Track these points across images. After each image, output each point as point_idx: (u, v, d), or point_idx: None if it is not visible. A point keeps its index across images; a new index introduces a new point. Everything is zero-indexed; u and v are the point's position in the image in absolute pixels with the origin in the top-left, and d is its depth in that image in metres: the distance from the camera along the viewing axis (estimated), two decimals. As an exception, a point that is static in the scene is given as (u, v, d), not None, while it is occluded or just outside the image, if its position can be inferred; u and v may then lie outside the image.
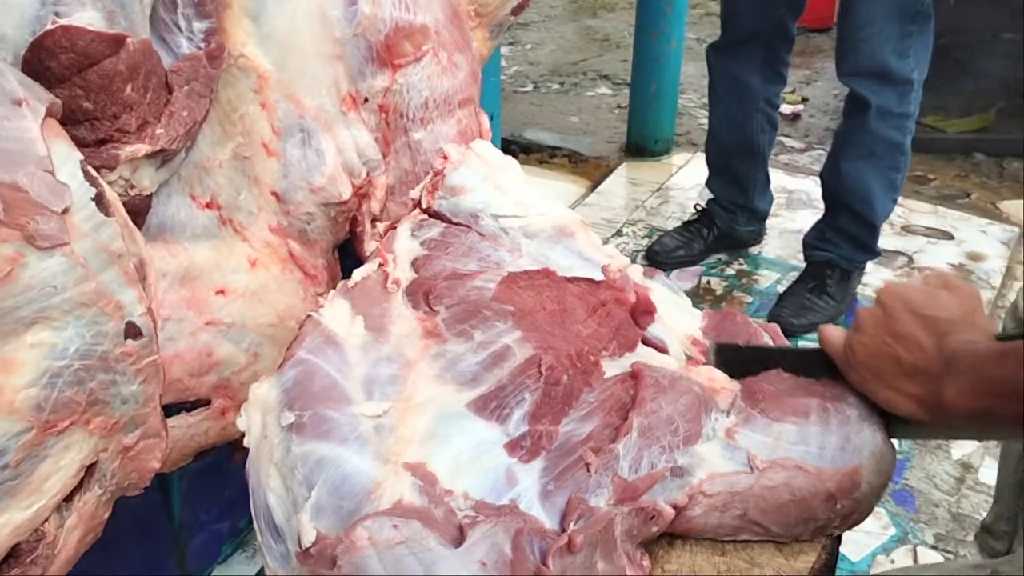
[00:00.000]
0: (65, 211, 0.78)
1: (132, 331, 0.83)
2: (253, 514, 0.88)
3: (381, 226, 1.14)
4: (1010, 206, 3.15)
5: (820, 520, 0.97)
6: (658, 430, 0.93)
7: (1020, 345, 0.84)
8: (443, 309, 1.00)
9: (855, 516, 0.99)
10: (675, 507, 0.93)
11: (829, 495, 0.95)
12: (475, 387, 0.95)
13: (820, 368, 1.02)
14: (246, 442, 0.90)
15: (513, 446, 0.91)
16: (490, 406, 0.93)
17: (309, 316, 0.97)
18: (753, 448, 0.96)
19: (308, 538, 0.81)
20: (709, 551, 0.96)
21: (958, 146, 3.51)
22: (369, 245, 1.17)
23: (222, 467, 1.66)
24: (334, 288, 1.08)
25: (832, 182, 2.44)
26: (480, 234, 1.10)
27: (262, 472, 0.87)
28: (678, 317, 1.12)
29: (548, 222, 1.13)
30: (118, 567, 1.50)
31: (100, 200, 0.82)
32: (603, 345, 1.04)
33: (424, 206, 1.13)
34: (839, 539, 1.01)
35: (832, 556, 0.99)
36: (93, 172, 0.83)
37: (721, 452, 0.95)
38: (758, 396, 0.99)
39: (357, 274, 1.04)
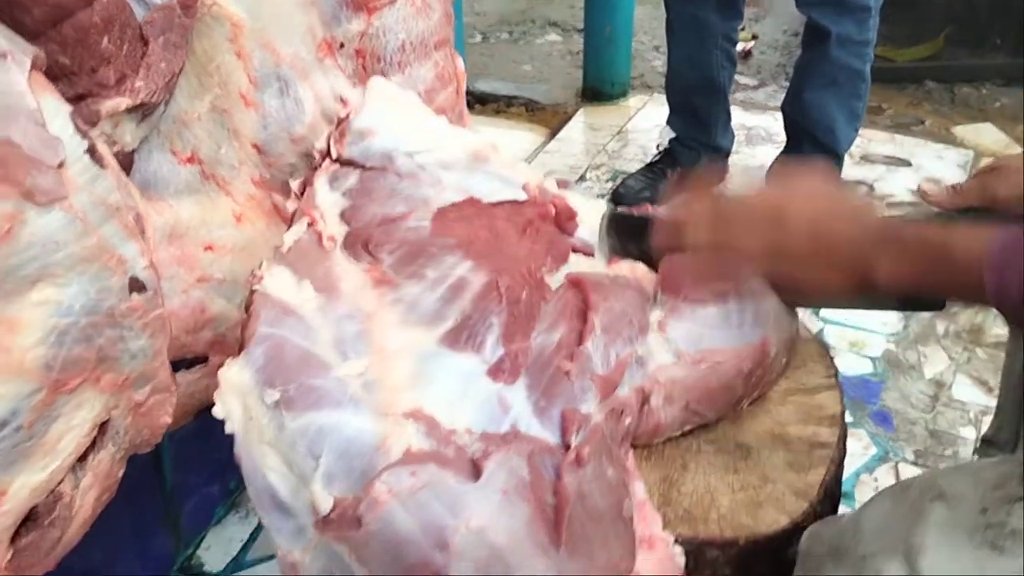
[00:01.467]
0: (60, 165, 0.76)
1: (136, 285, 0.82)
2: (253, 497, 0.86)
3: (295, 184, 1.11)
4: (964, 131, 3.19)
5: (739, 395, 1.04)
6: (617, 324, 0.96)
7: (947, 237, 0.85)
8: (386, 255, 0.99)
9: (765, 381, 1.07)
10: (640, 392, 0.96)
11: (748, 372, 1.02)
12: (441, 323, 0.94)
13: None
14: (228, 429, 0.87)
15: (495, 372, 0.91)
16: (462, 338, 0.92)
17: (254, 291, 0.94)
18: (682, 336, 1.00)
19: (325, 505, 0.80)
20: (722, 471, 0.98)
21: (909, 75, 3.54)
22: (291, 205, 1.13)
23: (209, 430, 1.64)
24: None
25: (794, 114, 2.45)
26: (398, 174, 1.07)
27: (256, 454, 0.85)
28: (597, 220, 1.15)
29: (461, 150, 1.12)
30: (111, 535, 1.48)
31: (93, 153, 0.80)
32: (541, 261, 1.05)
33: (335, 156, 1.10)
34: (844, 452, 1.03)
35: (840, 469, 1.01)
36: (83, 125, 0.81)
37: (660, 344, 0.99)
38: (677, 283, 1.03)
39: (288, 238, 1.00)
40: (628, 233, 1.11)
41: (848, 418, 1.09)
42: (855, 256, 0.89)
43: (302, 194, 1.05)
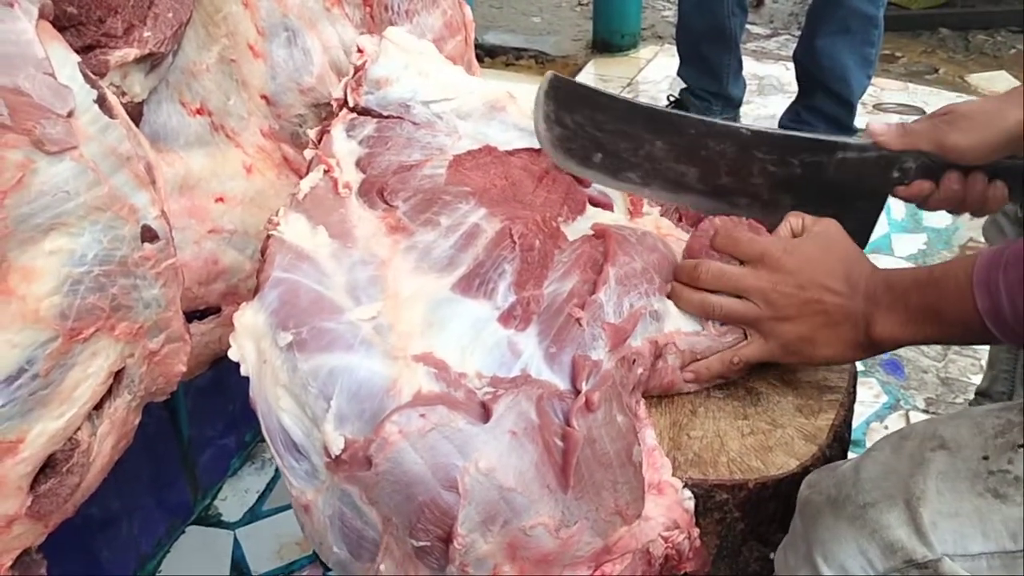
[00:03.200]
0: (70, 114, 0.76)
1: (148, 234, 0.82)
2: (268, 440, 0.87)
3: (312, 132, 1.11)
4: (978, 78, 3.16)
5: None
6: (634, 278, 0.96)
7: (935, 272, 0.88)
8: (401, 203, 0.99)
9: None
10: (654, 345, 0.96)
11: None
12: (454, 270, 0.94)
13: (645, 125, 1.05)
14: (243, 371, 0.88)
15: (506, 318, 0.91)
16: (474, 284, 0.92)
17: (270, 236, 0.95)
18: None
19: (337, 446, 0.81)
20: (731, 416, 0.98)
21: (923, 22, 3.50)
22: (307, 154, 1.13)
23: (224, 383, 1.66)
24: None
25: (807, 61, 2.43)
26: (414, 123, 1.07)
27: (270, 396, 0.86)
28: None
29: (478, 100, 1.12)
30: (130, 487, 1.51)
31: (103, 102, 0.80)
32: (557, 211, 1.05)
33: (351, 104, 1.10)
34: (854, 397, 1.04)
35: (849, 414, 1.02)
36: (91, 74, 0.81)
37: (681, 311, 0.99)
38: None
39: (304, 184, 1.00)
40: (568, 101, 1.07)
41: (859, 366, 1.09)
42: (849, 313, 0.92)
43: (319, 142, 1.05)
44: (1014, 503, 0.77)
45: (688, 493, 0.91)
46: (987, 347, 2.03)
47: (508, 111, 1.12)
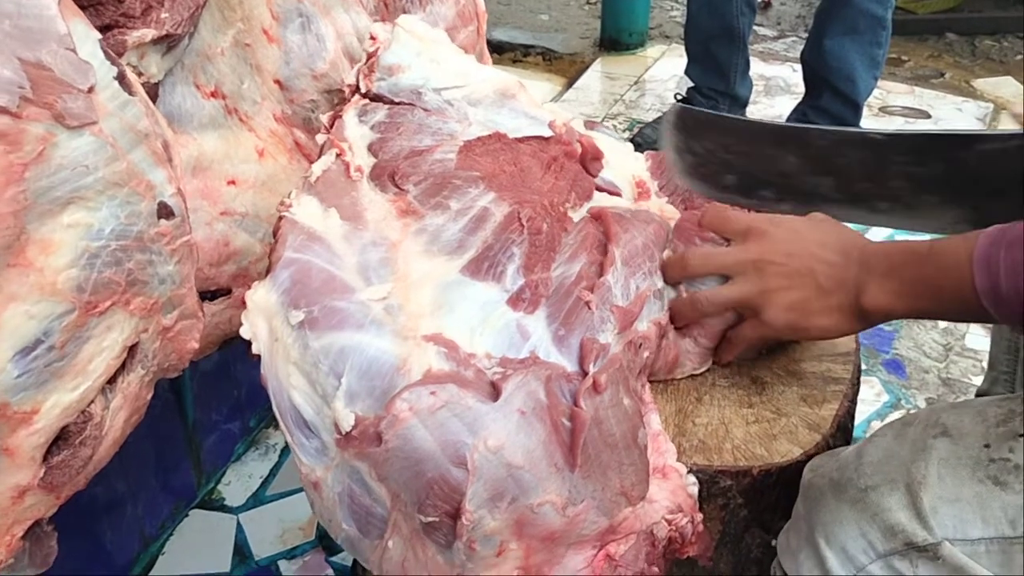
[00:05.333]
0: (91, 90, 0.77)
1: (165, 211, 0.83)
2: (279, 417, 0.88)
3: (324, 117, 1.11)
4: (984, 84, 3.17)
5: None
6: (637, 258, 0.97)
7: (935, 246, 0.86)
8: (412, 187, 1.00)
9: None
10: (659, 327, 0.97)
11: None
12: (464, 253, 0.95)
13: (773, 141, 1.03)
14: (255, 349, 0.89)
15: (515, 301, 0.92)
16: (483, 267, 0.94)
17: (282, 217, 0.95)
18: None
19: (347, 422, 0.82)
20: (736, 404, 1.00)
21: (930, 27, 3.51)
22: (319, 138, 1.14)
23: (230, 368, 1.68)
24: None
25: (814, 61, 2.44)
26: (425, 110, 1.08)
27: (281, 373, 0.87)
28: (624, 161, 1.16)
29: (489, 87, 1.12)
30: (135, 470, 1.52)
31: (122, 79, 0.80)
32: (564, 197, 1.06)
33: (363, 91, 1.11)
34: (857, 388, 1.05)
35: (852, 404, 1.03)
36: (111, 52, 0.82)
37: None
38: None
39: (317, 168, 1.01)
40: (696, 129, 1.05)
41: (862, 365, 1.10)
42: (841, 281, 0.91)
43: (331, 127, 1.05)
44: (1013, 491, 0.78)
45: (692, 478, 0.92)
46: (988, 348, 2.04)
47: (518, 99, 1.13)
